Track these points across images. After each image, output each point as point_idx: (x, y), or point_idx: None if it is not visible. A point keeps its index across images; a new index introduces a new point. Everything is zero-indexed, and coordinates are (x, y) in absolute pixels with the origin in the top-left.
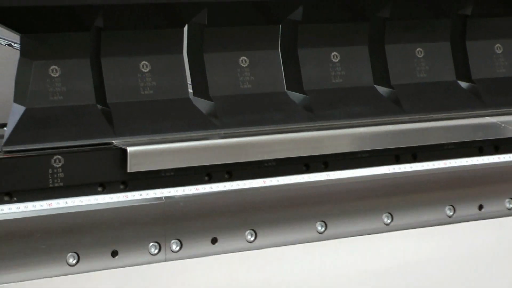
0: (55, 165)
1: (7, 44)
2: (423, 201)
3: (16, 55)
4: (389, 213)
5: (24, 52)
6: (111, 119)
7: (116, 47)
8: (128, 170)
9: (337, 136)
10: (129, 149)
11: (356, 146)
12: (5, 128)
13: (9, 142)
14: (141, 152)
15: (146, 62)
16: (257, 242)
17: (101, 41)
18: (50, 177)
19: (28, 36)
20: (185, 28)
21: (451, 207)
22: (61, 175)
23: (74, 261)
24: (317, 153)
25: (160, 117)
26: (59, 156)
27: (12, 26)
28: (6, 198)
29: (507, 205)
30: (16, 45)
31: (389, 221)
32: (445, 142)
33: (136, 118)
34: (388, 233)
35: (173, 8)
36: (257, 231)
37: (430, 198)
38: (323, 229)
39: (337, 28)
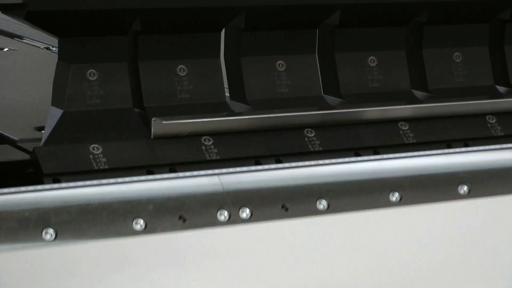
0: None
1: (45, 48)
2: None
3: (54, 58)
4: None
5: (62, 55)
6: (148, 123)
7: (153, 51)
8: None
9: None
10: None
11: None
12: (42, 131)
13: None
14: None
15: (183, 66)
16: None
17: (138, 45)
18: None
19: (66, 40)
20: (222, 32)
21: None
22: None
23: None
24: None
25: None
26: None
27: (50, 29)
28: None
29: None
30: (54, 48)
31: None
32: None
33: None
34: None
35: (210, 12)
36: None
37: None
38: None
39: (375, 32)
